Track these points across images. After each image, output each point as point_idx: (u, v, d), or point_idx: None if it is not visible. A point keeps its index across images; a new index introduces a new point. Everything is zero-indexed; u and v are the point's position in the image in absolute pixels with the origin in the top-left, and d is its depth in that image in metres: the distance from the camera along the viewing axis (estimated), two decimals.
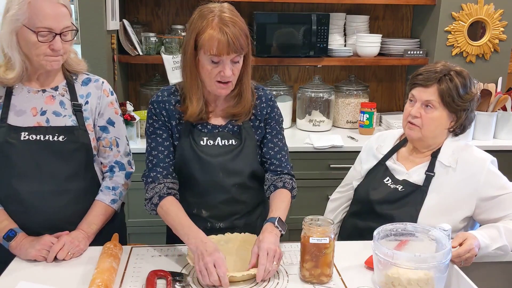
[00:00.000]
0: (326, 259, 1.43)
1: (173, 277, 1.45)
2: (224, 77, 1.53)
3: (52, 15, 1.52)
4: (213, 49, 1.48)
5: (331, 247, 1.42)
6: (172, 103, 1.65)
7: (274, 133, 1.73)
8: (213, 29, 1.48)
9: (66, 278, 1.46)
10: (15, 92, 1.64)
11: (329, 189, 2.10)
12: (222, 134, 1.66)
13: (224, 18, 1.49)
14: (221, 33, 1.47)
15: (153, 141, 1.66)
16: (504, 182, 1.71)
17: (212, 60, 1.51)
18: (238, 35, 1.48)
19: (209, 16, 1.49)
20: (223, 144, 1.66)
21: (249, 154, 1.68)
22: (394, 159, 1.85)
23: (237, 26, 1.49)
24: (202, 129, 1.66)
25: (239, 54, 1.52)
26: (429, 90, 1.70)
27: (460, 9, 2.98)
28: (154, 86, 3.12)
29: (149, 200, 1.61)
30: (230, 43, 1.47)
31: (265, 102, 1.71)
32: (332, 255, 1.45)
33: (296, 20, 2.97)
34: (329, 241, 1.41)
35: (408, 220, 1.59)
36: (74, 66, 1.72)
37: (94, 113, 1.72)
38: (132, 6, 3.16)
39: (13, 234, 1.58)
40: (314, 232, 1.42)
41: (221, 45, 1.47)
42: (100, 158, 1.77)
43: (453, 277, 1.50)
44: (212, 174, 1.64)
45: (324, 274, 1.45)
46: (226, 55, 1.49)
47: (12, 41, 1.54)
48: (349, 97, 3.19)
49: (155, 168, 1.64)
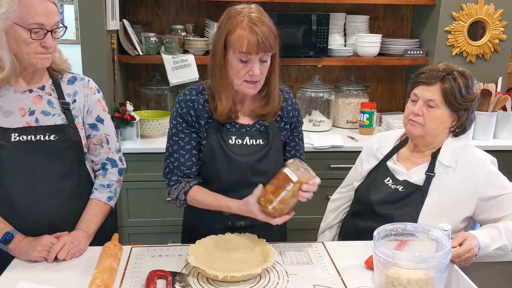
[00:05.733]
0: (283, 193, 1.48)
1: (173, 277, 1.45)
2: (253, 76, 1.55)
3: (43, 11, 1.52)
4: (243, 47, 1.50)
5: (293, 187, 1.47)
6: (200, 102, 1.66)
7: (300, 137, 1.81)
8: (243, 28, 1.51)
9: (66, 278, 1.46)
10: (1, 93, 1.62)
11: (329, 189, 2.10)
12: (251, 134, 1.68)
13: (253, 18, 1.52)
14: (251, 32, 1.49)
15: (175, 144, 1.67)
16: (504, 182, 1.71)
17: (241, 59, 1.53)
18: (268, 34, 1.51)
19: (239, 17, 1.53)
20: (251, 144, 1.68)
21: (275, 155, 1.71)
22: (394, 159, 1.86)
23: (266, 25, 1.53)
24: (231, 128, 1.67)
25: (267, 54, 1.55)
26: (432, 88, 1.71)
27: (460, 9, 2.98)
28: (154, 86, 3.13)
29: (175, 199, 1.69)
30: (260, 42, 1.50)
31: (291, 105, 1.75)
32: (290, 198, 1.49)
33: (296, 20, 2.97)
34: (296, 182, 1.46)
35: (409, 220, 1.59)
36: (59, 65, 1.72)
37: (82, 111, 1.72)
38: (132, 6, 3.16)
39: (10, 237, 1.57)
40: (293, 167, 1.48)
41: (250, 44, 1.50)
42: (91, 156, 1.77)
43: (453, 277, 1.50)
44: (239, 173, 1.66)
45: (269, 201, 1.49)
46: (255, 54, 1.51)
47: (2, 40, 1.52)
48: (349, 97, 3.19)
49: (176, 171, 1.68)
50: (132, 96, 3.27)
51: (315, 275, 1.51)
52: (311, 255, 1.63)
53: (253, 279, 1.46)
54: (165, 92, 3.12)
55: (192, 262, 1.45)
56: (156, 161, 2.70)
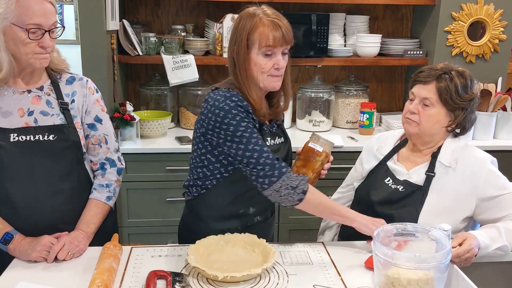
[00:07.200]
0: (313, 165, 1.67)
1: (173, 277, 1.44)
2: (279, 67, 1.59)
3: (40, 11, 1.52)
4: (269, 41, 1.55)
5: (321, 157, 1.66)
6: (249, 106, 1.62)
7: None
8: (264, 25, 1.56)
9: (66, 278, 1.46)
10: (0, 94, 1.62)
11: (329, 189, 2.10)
12: (277, 134, 1.74)
13: (271, 15, 1.59)
14: (274, 27, 1.56)
15: (259, 139, 1.58)
16: (504, 182, 1.71)
17: (265, 54, 1.57)
18: (289, 27, 1.59)
19: (256, 16, 1.58)
20: (280, 142, 1.74)
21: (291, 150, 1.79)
22: (394, 159, 1.86)
23: (283, 18, 1.60)
24: (266, 130, 1.70)
25: (289, 45, 1.60)
26: (428, 87, 1.71)
27: (460, 9, 2.98)
28: (154, 86, 3.13)
29: (295, 188, 1.56)
30: (284, 34, 1.56)
31: None
32: (319, 166, 1.68)
33: (296, 20, 2.96)
34: (322, 151, 1.66)
35: (409, 220, 1.59)
36: (58, 65, 1.72)
37: (81, 111, 1.72)
38: (132, 6, 3.16)
39: (10, 237, 1.57)
40: (314, 140, 1.68)
41: (276, 38, 1.56)
42: (90, 156, 1.77)
43: (453, 277, 1.50)
44: None
45: (306, 175, 1.63)
46: (279, 47, 1.57)
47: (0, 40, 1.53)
48: (349, 97, 3.19)
49: (276, 161, 1.57)
50: (132, 96, 3.27)
51: (315, 275, 1.51)
52: (311, 255, 1.63)
53: (253, 279, 1.46)
54: (165, 92, 3.12)
55: (192, 262, 1.45)
56: (156, 161, 2.71)
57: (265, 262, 1.48)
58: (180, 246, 1.68)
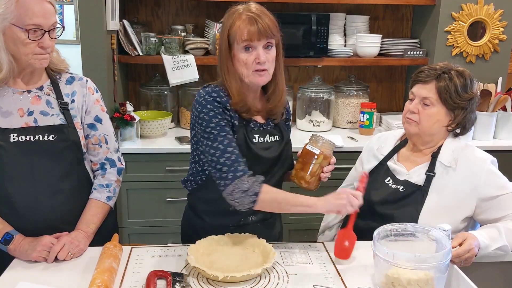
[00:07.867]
0: (311, 168, 1.65)
1: (173, 277, 1.44)
2: (260, 61, 1.57)
3: (40, 12, 1.53)
4: (244, 35, 1.55)
5: (318, 159, 1.64)
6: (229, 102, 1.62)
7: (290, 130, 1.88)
8: (241, 20, 1.56)
9: (66, 278, 1.46)
10: (0, 94, 1.62)
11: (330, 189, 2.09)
12: (269, 131, 1.72)
13: (251, 9, 1.58)
14: (250, 21, 1.55)
15: (225, 138, 1.57)
16: (504, 182, 1.71)
17: (245, 48, 1.57)
18: (267, 21, 1.57)
19: (236, 12, 1.59)
20: (273, 141, 1.72)
21: (290, 148, 1.78)
22: (394, 159, 1.86)
23: (265, 14, 1.58)
24: (253, 127, 1.68)
25: (269, 40, 1.58)
26: (427, 86, 1.72)
27: (460, 9, 2.98)
28: (154, 86, 3.13)
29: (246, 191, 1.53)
30: (260, 27, 1.55)
31: (287, 103, 1.81)
32: (318, 169, 1.65)
33: (296, 20, 2.96)
34: (319, 154, 1.64)
35: (409, 220, 1.59)
36: (58, 65, 1.72)
37: (81, 111, 1.72)
38: (132, 6, 3.16)
39: (10, 237, 1.57)
40: (312, 142, 1.67)
41: (251, 31, 1.55)
42: (90, 156, 1.77)
43: (453, 277, 1.50)
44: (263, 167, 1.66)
45: (304, 178, 1.66)
46: (257, 41, 1.56)
47: None
48: (349, 97, 3.19)
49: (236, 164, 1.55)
50: (132, 96, 3.27)
51: (315, 275, 1.51)
52: (311, 255, 1.63)
53: (253, 279, 1.46)
54: (165, 92, 3.12)
55: (192, 262, 1.45)
56: (156, 161, 2.71)
57: (265, 262, 1.48)
58: (180, 246, 1.68)
